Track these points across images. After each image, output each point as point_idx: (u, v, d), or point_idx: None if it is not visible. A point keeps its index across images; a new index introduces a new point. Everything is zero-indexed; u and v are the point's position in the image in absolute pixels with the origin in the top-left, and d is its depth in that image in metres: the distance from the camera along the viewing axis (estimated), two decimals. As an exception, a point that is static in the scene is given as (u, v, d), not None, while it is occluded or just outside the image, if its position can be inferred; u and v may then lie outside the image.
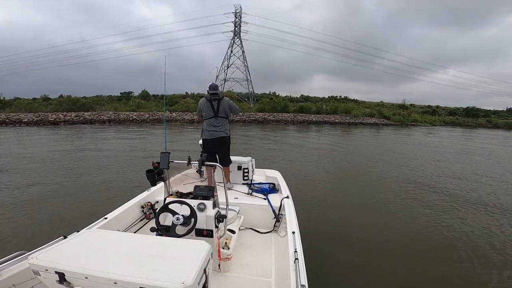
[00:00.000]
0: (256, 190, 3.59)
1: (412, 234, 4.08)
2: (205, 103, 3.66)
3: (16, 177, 6.64)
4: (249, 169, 3.95)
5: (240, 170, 3.92)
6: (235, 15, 50.10)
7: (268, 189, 3.57)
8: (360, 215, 4.78)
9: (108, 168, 7.76)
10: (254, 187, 3.69)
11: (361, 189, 6.43)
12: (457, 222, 4.53)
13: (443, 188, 6.55)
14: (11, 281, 1.49)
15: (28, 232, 3.88)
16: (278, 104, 38.69)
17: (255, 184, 3.78)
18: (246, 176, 3.93)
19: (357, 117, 36.72)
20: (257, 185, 3.73)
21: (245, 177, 3.94)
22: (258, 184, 3.79)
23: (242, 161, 3.93)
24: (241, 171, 3.92)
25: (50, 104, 33.36)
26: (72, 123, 24.37)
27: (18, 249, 1.61)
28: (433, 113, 52.74)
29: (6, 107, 30.91)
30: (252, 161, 4.10)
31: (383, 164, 9.58)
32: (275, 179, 3.91)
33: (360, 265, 3.21)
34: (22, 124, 22.73)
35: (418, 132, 27.33)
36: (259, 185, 3.72)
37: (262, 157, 9.77)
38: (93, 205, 4.83)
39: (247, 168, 3.93)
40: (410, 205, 5.34)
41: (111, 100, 40.75)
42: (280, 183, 3.70)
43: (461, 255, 3.55)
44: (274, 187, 3.66)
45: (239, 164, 3.91)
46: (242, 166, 3.91)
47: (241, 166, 3.91)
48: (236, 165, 3.90)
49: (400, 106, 52.87)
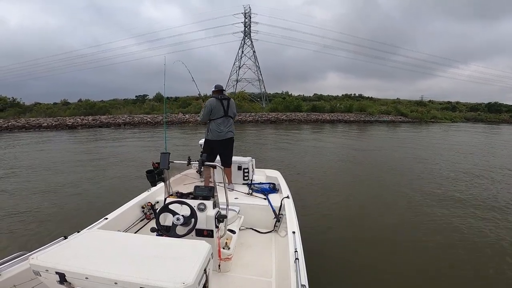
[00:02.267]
0: (256, 190, 3.61)
1: (413, 234, 4.04)
2: (216, 103, 3.57)
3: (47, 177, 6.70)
4: (249, 169, 3.95)
5: (240, 170, 3.92)
6: (245, 15, 49.99)
7: (268, 189, 3.58)
8: (360, 215, 4.73)
9: (121, 169, 7.74)
10: (254, 187, 3.71)
11: (364, 189, 6.26)
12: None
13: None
14: (12, 281, 1.50)
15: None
16: (291, 104, 38.14)
17: (255, 184, 3.80)
18: (246, 176, 3.94)
19: (372, 115, 35.67)
20: (257, 185, 3.75)
21: (245, 177, 3.94)
22: (258, 184, 3.81)
23: (242, 161, 3.94)
24: (241, 171, 3.92)
25: (68, 109, 34.31)
26: (89, 126, 24.93)
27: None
28: (453, 109, 50.61)
29: (27, 112, 32.04)
30: (252, 161, 4.11)
31: (398, 162, 9.14)
32: (275, 179, 3.91)
33: (360, 265, 3.19)
34: (42, 128, 23.45)
35: (439, 129, 26.21)
36: (259, 185, 3.74)
37: (273, 159, 9.50)
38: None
39: (247, 168, 3.94)
40: (411, 205, 5.24)
41: (127, 103, 41.54)
42: (280, 183, 3.70)
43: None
44: (274, 187, 3.66)
45: (239, 164, 3.92)
46: (242, 166, 3.92)
47: (241, 166, 3.92)
48: (236, 165, 3.91)
49: (418, 103, 51.02)
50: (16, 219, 4.41)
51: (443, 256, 3.44)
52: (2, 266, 1.51)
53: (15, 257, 1.59)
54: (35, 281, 1.50)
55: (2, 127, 22.87)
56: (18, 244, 3.59)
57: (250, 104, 39.48)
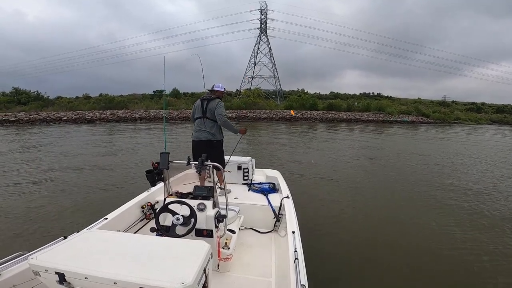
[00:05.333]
0: (256, 190, 3.59)
1: (414, 233, 4.03)
2: (197, 103, 3.54)
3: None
4: (249, 169, 3.93)
5: (240, 170, 3.88)
6: (261, 12, 49.53)
7: (268, 189, 3.56)
8: (361, 215, 4.69)
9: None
10: (254, 187, 3.70)
11: (367, 189, 6.12)
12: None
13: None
14: (12, 281, 1.50)
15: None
16: (307, 102, 37.47)
17: (255, 184, 3.79)
18: (246, 176, 3.91)
19: (392, 115, 34.42)
20: (257, 185, 3.74)
21: (245, 177, 3.91)
22: (258, 184, 3.79)
23: (242, 161, 3.90)
24: (241, 171, 3.88)
25: (88, 103, 35.29)
26: (107, 120, 25.48)
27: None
28: (478, 111, 48.17)
29: (49, 106, 33.18)
30: (252, 161, 4.10)
31: (410, 163, 8.61)
32: (275, 179, 3.91)
33: (360, 265, 3.18)
34: (62, 122, 24.19)
35: (464, 130, 24.89)
36: (259, 185, 3.72)
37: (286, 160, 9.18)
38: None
39: (247, 168, 3.91)
40: (414, 205, 5.20)
41: (144, 99, 42.22)
42: (280, 183, 3.69)
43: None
44: (274, 187, 3.64)
45: (239, 164, 3.88)
46: (242, 166, 3.88)
47: (241, 166, 3.88)
48: (236, 165, 3.87)
49: (440, 103, 48.94)
50: (15, 219, 4.35)
51: (449, 262, 3.32)
52: (2, 266, 1.51)
53: (15, 257, 1.58)
54: (35, 281, 1.51)
55: (24, 120, 23.78)
56: (18, 244, 3.55)
57: (265, 101, 39.13)
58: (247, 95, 38.86)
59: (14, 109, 29.65)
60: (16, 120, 23.49)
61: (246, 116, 29.65)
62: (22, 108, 30.28)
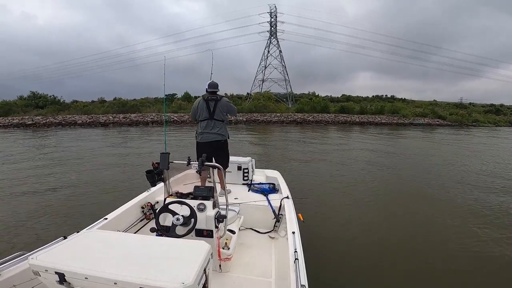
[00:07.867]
0: (256, 190, 3.59)
1: (414, 233, 4.03)
2: (201, 103, 3.40)
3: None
4: (249, 169, 3.93)
5: (240, 170, 3.89)
6: (270, 15, 49.40)
7: (268, 189, 3.55)
8: (361, 215, 4.68)
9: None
10: (254, 187, 3.70)
11: (369, 192, 6.03)
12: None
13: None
14: (11, 281, 1.50)
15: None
16: (318, 104, 36.95)
17: (255, 184, 3.79)
18: (246, 176, 3.92)
19: (406, 117, 33.48)
20: (257, 185, 3.74)
21: (245, 177, 3.92)
22: (258, 184, 3.80)
23: (242, 161, 3.91)
24: (241, 171, 3.89)
25: (103, 106, 36.00)
26: (120, 124, 25.86)
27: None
28: (497, 112, 46.39)
29: (65, 110, 34.00)
30: (252, 161, 4.10)
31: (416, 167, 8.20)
32: (275, 179, 3.91)
33: (360, 265, 3.18)
34: (77, 125, 24.70)
35: (484, 133, 23.84)
36: (259, 185, 3.72)
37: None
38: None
39: (247, 168, 3.91)
40: (414, 205, 5.18)
41: (156, 102, 42.78)
42: (280, 183, 3.69)
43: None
44: (274, 187, 3.64)
45: (239, 165, 3.88)
46: (242, 166, 3.89)
47: (241, 166, 3.89)
48: (236, 165, 3.87)
49: (457, 105, 47.42)
50: (16, 219, 4.36)
51: (449, 262, 3.29)
52: (2, 266, 1.51)
53: (15, 257, 1.59)
54: (35, 281, 1.51)
55: (40, 123, 24.43)
56: (18, 244, 3.55)
57: (275, 104, 38.91)
58: (257, 99, 38.75)
59: (32, 113, 30.51)
60: (33, 124, 24.16)
61: (257, 120, 29.49)
62: (39, 112, 31.13)
